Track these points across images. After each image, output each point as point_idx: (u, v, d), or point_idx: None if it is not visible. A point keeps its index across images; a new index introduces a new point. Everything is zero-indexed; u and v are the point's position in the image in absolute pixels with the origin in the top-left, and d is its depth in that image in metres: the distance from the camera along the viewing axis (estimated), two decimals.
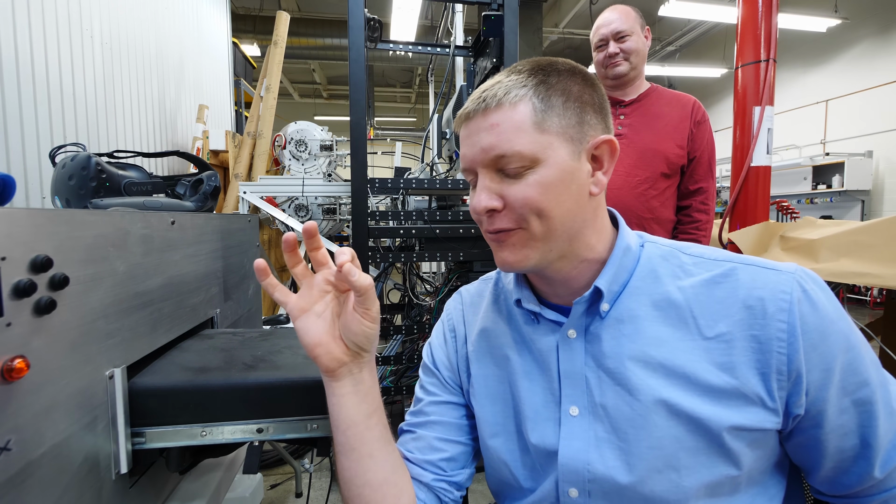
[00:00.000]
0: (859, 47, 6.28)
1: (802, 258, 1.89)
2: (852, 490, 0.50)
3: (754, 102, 1.95)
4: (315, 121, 2.73)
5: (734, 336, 0.49)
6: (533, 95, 0.51)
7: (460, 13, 2.76)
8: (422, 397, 0.67)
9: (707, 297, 0.51)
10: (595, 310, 0.55)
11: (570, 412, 0.55)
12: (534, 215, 0.51)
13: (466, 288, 0.73)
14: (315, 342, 0.54)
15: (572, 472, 0.53)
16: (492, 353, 0.63)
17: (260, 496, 1.24)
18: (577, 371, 0.55)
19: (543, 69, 0.54)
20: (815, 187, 6.11)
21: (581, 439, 0.53)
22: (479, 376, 0.63)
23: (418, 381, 0.70)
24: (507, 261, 0.55)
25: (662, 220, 1.65)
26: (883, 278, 1.60)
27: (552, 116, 0.51)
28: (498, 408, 0.61)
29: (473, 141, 0.53)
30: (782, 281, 0.49)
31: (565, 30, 7.76)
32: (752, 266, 0.51)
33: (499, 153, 0.51)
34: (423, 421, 0.64)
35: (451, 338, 0.68)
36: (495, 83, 0.53)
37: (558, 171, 0.51)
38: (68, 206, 0.99)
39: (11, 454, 0.49)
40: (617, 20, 1.56)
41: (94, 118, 2.02)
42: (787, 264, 0.50)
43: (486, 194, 0.53)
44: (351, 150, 1.74)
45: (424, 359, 0.70)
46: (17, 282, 0.49)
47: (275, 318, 1.49)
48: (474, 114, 0.53)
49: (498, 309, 0.65)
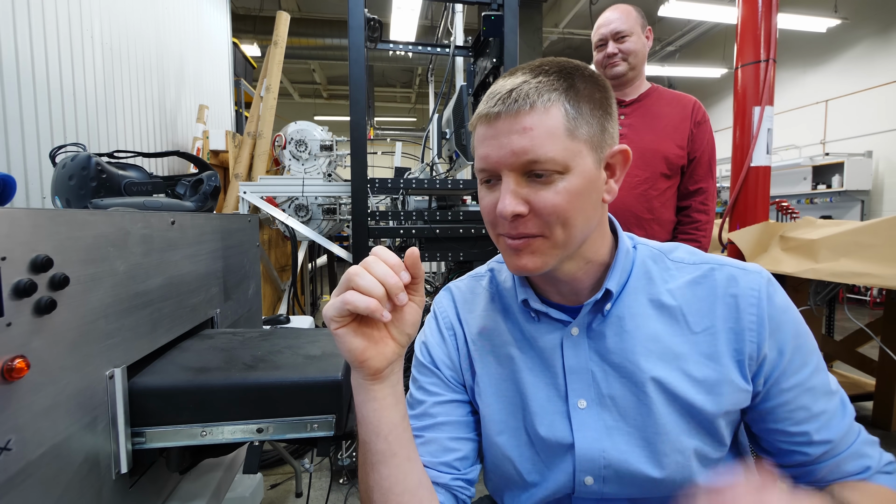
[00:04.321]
0: (859, 47, 6.28)
1: (802, 258, 1.89)
2: (795, 460, 0.55)
3: (754, 102, 1.95)
4: (315, 121, 2.73)
5: (717, 329, 0.55)
6: (565, 101, 0.51)
7: (460, 13, 2.76)
8: (423, 399, 0.65)
9: (692, 297, 0.57)
10: (599, 308, 0.57)
11: (578, 405, 0.57)
12: (559, 224, 0.51)
13: (456, 285, 0.71)
14: (363, 347, 0.49)
15: (588, 461, 0.56)
16: (494, 351, 0.63)
17: (260, 496, 1.24)
18: (583, 366, 0.58)
19: (570, 73, 0.52)
20: (814, 187, 6.11)
21: (593, 429, 0.57)
22: (483, 375, 0.64)
23: (412, 382, 0.67)
24: (526, 267, 0.54)
25: (663, 220, 1.65)
26: (883, 278, 1.60)
27: (582, 124, 0.51)
28: (504, 405, 0.62)
29: (502, 143, 0.51)
30: (751, 280, 0.56)
31: (565, 30, 7.76)
32: (725, 266, 0.57)
33: (532, 158, 0.50)
34: (431, 423, 0.63)
35: (449, 336, 0.67)
36: (523, 83, 0.51)
37: (584, 179, 0.51)
38: (68, 206, 0.99)
39: (11, 454, 0.49)
40: (617, 20, 1.55)
41: (94, 118, 2.02)
42: (752, 265, 0.57)
43: (513, 198, 0.51)
44: (351, 150, 1.74)
45: (420, 358, 0.67)
46: (18, 282, 0.49)
47: (275, 318, 1.49)
48: (504, 115, 0.51)
49: (496, 308, 0.65)
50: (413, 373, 0.68)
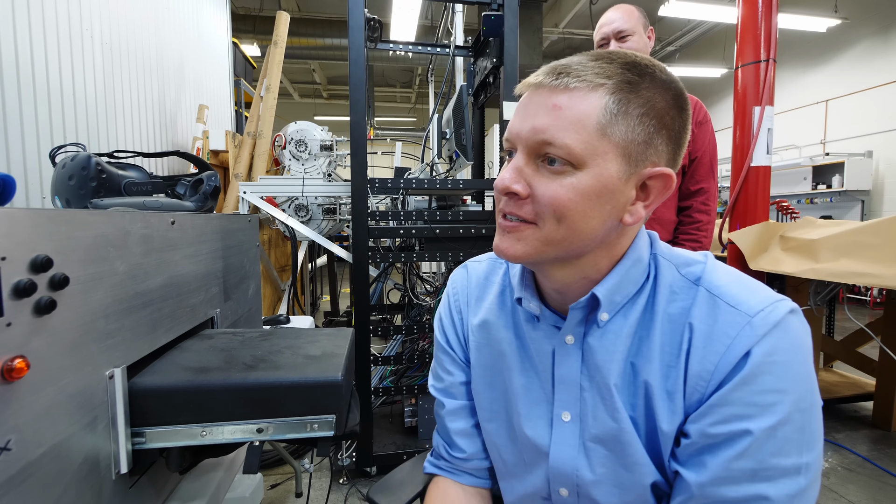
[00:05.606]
0: (859, 47, 6.27)
1: (802, 258, 1.89)
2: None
3: (754, 102, 1.95)
4: (315, 121, 2.73)
5: (697, 371, 0.48)
6: (611, 93, 0.45)
7: (460, 13, 2.76)
8: (444, 377, 0.71)
9: (698, 329, 0.49)
10: (593, 318, 0.53)
11: (562, 417, 0.56)
12: (553, 217, 0.47)
13: (474, 264, 0.71)
14: None
15: (562, 475, 0.56)
16: (490, 345, 0.64)
17: (260, 496, 1.23)
18: (572, 378, 0.55)
19: (639, 69, 0.47)
20: (815, 187, 6.11)
21: (571, 446, 0.55)
22: (477, 365, 0.66)
23: (436, 356, 0.73)
24: (507, 251, 0.51)
25: (664, 220, 1.65)
26: (883, 278, 1.60)
27: (621, 125, 0.45)
28: (494, 395, 0.64)
29: (529, 114, 0.48)
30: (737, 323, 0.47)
31: (565, 30, 7.75)
32: (716, 299, 0.49)
33: (547, 139, 0.46)
34: (461, 406, 0.69)
35: (458, 320, 0.70)
36: (577, 61, 0.47)
37: (597, 183, 0.46)
38: (68, 206, 0.99)
39: (11, 454, 0.49)
40: (619, 20, 1.55)
41: (94, 118, 2.02)
42: (750, 304, 0.47)
43: (514, 175, 0.48)
44: (351, 150, 1.74)
45: (437, 335, 0.72)
46: (17, 282, 0.49)
47: (275, 318, 1.49)
48: (544, 87, 0.47)
49: (502, 302, 0.64)
50: (435, 345, 0.73)
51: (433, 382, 0.73)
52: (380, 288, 2.57)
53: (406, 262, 1.90)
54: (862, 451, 2.13)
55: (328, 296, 4.35)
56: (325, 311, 4.15)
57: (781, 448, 0.44)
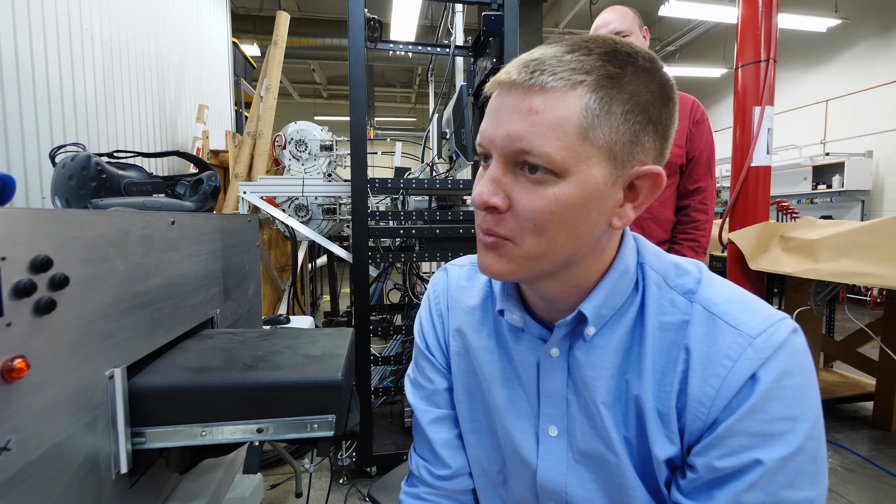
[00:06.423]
0: (859, 47, 6.28)
1: (802, 258, 1.89)
2: None
3: (754, 102, 1.95)
4: (315, 121, 2.73)
5: (694, 392, 0.46)
6: (592, 90, 0.41)
7: (460, 13, 2.76)
8: (426, 385, 0.67)
9: (696, 350, 0.47)
10: (580, 331, 0.50)
11: (548, 432, 0.54)
12: (533, 232, 0.43)
13: (454, 268, 0.68)
14: None
15: (551, 492, 0.54)
16: (470, 353, 0.61)
17: (260, 496, 1.23)
18: (558, 392, 0.53)
19: (620, 58, 0.42)
20: (815, 187, 6.11)
21: (559, 461, 0.53)
22: (458, 373, 0.63)
23: (414, 361, 0.69)
24: (492, 269, 0.47)
25: (661, 220, 1.65)
26: (883, 278, 1.60)
27: (604, 126, 0.41)
28: (474, 405, 0.62)
29: (503, 118, 0.43)
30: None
31: (565, 30, 7.75)
32: (714, 318, 0.47)
33: (524, 147, 0.41)
34: (445, 415, 0.66)
35: (438, 324, 0.67)
36: (551, 55, 0.42)
37: (582, 192, 0.42)
38: (68, 206, 0.99)
39: (11, 454, 0.49)
40: (616, 20, 1.56)
41: (94, 118, 2.02)
42: (752, 325, 0.45)
43: (492, 187, 0.44)
44: (351, 150, 1.74)
45: (416, 339, 0.68)
46: (17, 282, 0.49)
47: (275, 318, 1.49)
48: (518, 86, 0.42)
49: (484, 310, 0.61)
50: (415, 350, 0.69)
51: (413, 391, 0.68)
52: (380, 288, 2.57)
53: (406, 262, 1.90)
54: (862, 451, 2.14)
55: (328, 296, 4.35)
56: (325, 311, 4.16)
57: (793, 480, 0.42)
